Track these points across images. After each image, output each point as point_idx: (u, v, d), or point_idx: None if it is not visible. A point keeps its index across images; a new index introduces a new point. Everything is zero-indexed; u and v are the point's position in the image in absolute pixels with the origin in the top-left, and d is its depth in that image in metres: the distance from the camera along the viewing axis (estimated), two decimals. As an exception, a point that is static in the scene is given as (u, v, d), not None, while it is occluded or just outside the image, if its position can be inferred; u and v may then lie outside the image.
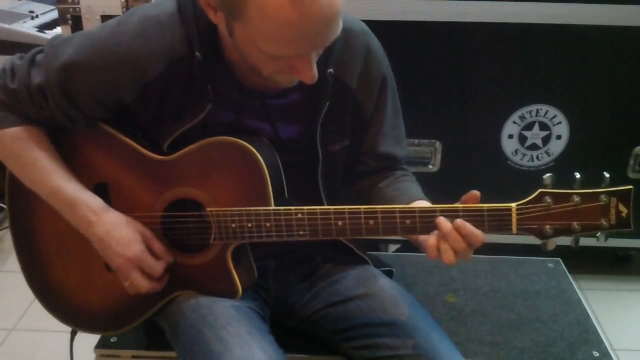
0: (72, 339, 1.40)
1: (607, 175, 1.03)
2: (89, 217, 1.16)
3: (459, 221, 1.05)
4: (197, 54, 1.10)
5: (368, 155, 1.30)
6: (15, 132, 1.17)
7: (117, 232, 1.16)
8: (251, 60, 1.05)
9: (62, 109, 1.15)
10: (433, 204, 1.18)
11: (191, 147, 1.16)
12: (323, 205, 1.24)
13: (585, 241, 1.09)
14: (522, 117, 2.09)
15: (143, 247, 1.17)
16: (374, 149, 1.30)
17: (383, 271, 1.36)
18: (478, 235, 1.05)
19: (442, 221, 1.06)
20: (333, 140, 1.24)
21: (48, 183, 1.17)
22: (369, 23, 1.26)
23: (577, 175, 1.04)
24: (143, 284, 1.18)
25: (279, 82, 1.11)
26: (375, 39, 1.26)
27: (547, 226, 1.05)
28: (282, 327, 1.31)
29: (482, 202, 1.07)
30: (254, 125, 1.21)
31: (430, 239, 1.08)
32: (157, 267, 1.18)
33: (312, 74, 1.04)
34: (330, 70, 1.17)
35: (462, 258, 1.07)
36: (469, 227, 1.04)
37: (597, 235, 1.06)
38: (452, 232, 1.05)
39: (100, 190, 1.22)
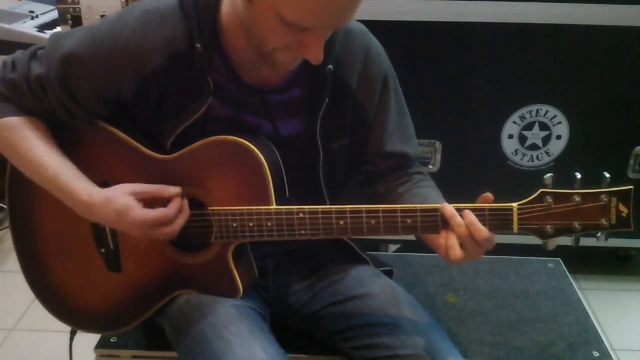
0: (71, 339, 1.40)
1: (607, 175, 1.03)
2: (86, 201, 1.13)
3: (465, 211, 1.05)
4: (198, 46, 1.10)
5: (375, 155, 1.30)
6: (14, 122, 1.16)
7: (113, 207, 1.12)
8: (259, 31, 1.03)
9: (61, 103, 1.15)
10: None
11: (192, 146, 1.16)
12: (325, 204, 1.24)
13: (585, 241, 1.09)
14: (522, 117, 2.09)
15: (140, 209, 1.12)
16: (380, 149, 1.29)
17: (383, 271, 1.36)
18: (480, 228, 1.04)
19: (446, 206, 1.06)
20: (332, 138, 1.24)
21: (45, 172, 1.15)
22: (369, 23, 1.26)
23: (578, 175, 1.04)
24: (168, 233, 1.14)
25: (278, 62, 1.08)
26: (375, 39, 1.26)
27: (548, 226, 1.05)
28: (282, 327, 1.31)
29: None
30: (254, 122, 1.21)
31: (439, 238, 1.08)
32: (167, 213, 1.12)
33: (319, 54, 1.04)
34: (330, 66, 1.17)
35: (471, 255, 1.07)
36: (472, 217, 1.05)
37: (598, 235, 1.06)
38: (454, 217, 1.05)
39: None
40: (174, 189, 1.15)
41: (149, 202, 1.14)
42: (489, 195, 1.07)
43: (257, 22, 1.03)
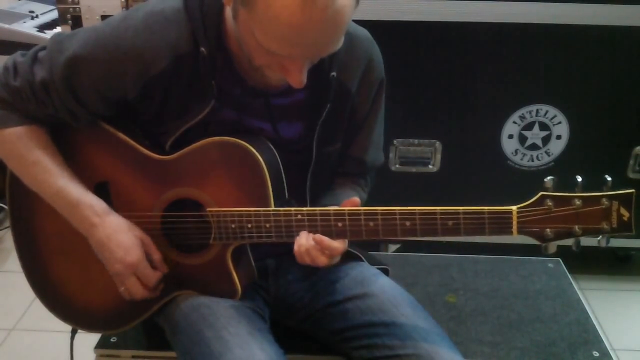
0: (72, 338, 1.40)
1: (608, 178, 1.02)
2: (92, 219, 1.16)
3: (317, 237, 1.11)
4: (203, 49, 1.10)
5: (354, 160, 1.33)
6: (18, 132, 1.16)
7: (118, 236, 1.16)
8: (246, 47, 1.05)
9: (65, 105, 1.15)
10: (432, 204, 1.17)
11: (192, 147, 1.16)
12: (306, 205, 1.24)
13: (585, 241, 1.09)
14: (522, 117, 2.09)
15: (142, 254, 1.17)
16: (362, 155, 1.33)
17: (378, 269, 1.36)
18: (337, 247, 1.11)
19: (303, 235, 1.13)
20: (328, 142, 1.25)
21: (51, 184, 1.17)
22: (369, 23, 1.27)
23: (579, 179, 1.03)
24: (138, 291, 1.19)
25: (269, 77, 1.10)
26: (377, 48, 1.27)
27: (548, 229, 1.04)
28: (282, 327, 1.31)
29: (482, 202, 1.07)
30: (256, 125, 1.21)
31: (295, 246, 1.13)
32: (153, 277, 1.19)
33: (299, 79, 1.04)
34: (334, 73, 1.18)
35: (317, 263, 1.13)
36: (326, 241, 1.10)
37: (599, 238, 1.06)
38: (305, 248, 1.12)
39: (101, 189, 1.22)
40: (163, 267, 1.21)
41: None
42: (355, 199, 1.13)
43: (242, 40, 1.05)
